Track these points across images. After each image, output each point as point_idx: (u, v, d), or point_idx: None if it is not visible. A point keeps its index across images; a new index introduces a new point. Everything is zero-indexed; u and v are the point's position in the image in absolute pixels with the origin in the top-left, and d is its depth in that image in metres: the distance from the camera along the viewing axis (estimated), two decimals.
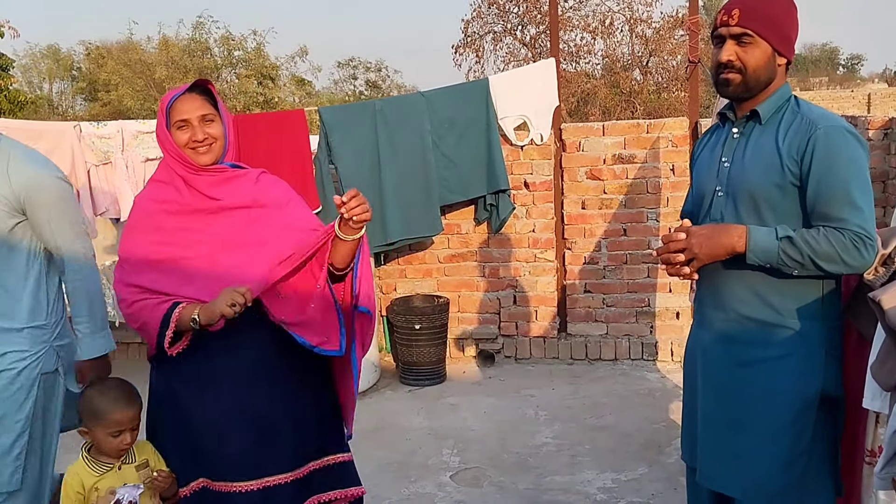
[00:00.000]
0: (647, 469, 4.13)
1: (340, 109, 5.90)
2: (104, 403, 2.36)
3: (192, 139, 2.40)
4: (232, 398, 2.42)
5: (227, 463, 2.42)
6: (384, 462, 4.35)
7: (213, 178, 2.45)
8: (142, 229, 2.44)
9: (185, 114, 2.40)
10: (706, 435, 2.42)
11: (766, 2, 2.26)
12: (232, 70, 23.94)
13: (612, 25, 19.76)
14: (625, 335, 5.89)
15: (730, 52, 2.24)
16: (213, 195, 2.43)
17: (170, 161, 2.46)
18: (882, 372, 2.08)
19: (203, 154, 2.41)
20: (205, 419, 2.43)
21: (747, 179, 2.27)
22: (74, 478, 2.34)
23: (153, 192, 2.49)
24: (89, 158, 4.70)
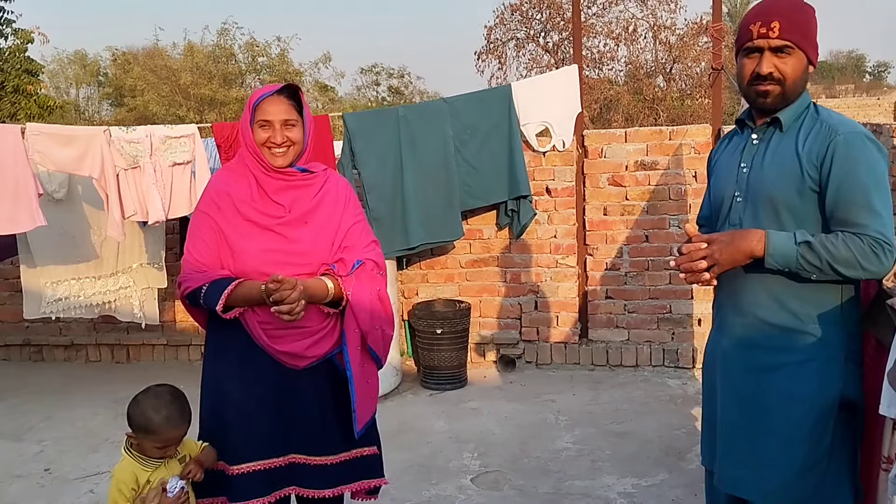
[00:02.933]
0: (668, 475, 4.13)
1: (364, 115, 5.95)
2: (157, 422, 2.42)
3: (270, 140, 2.49)
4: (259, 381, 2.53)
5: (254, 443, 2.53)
6: (405, 465, 4.38)
7: (282, 183, 2.54)
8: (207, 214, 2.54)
9: (269, 115, 2.49)
10: (725, 439, 2.43)
11: (801, 13, 2.28)
12: (256, 76, 24.10)
13: (636, 32, 19.73)
14: (646, 341, 5.89)
15: (770, 64, 2.25)
16: (277, 200, 2.52)
17: (245, 155, 2.57)
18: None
19: (278, 157, 2.51)
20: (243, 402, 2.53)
21: (767, 185, 2.29)
22: (128, 475, 2.43)
23: (226, 183, 2.57)
24: (118, 162, 4.77)
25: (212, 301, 2.44)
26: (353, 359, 2.55)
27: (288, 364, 2.52)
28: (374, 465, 2.78)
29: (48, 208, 5.17)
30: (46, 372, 6.42)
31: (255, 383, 2.52)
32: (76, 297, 5.50)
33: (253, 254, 2.48)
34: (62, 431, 5.05)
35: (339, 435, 2.64)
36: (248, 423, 2.52)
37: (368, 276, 2.59)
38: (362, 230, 2.66)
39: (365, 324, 2.55)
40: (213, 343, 2.62)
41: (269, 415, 2.52)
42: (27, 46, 14.41)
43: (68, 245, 5.43)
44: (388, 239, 5.42)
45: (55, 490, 4.23)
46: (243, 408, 2.53)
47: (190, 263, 2.54)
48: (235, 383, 2.53)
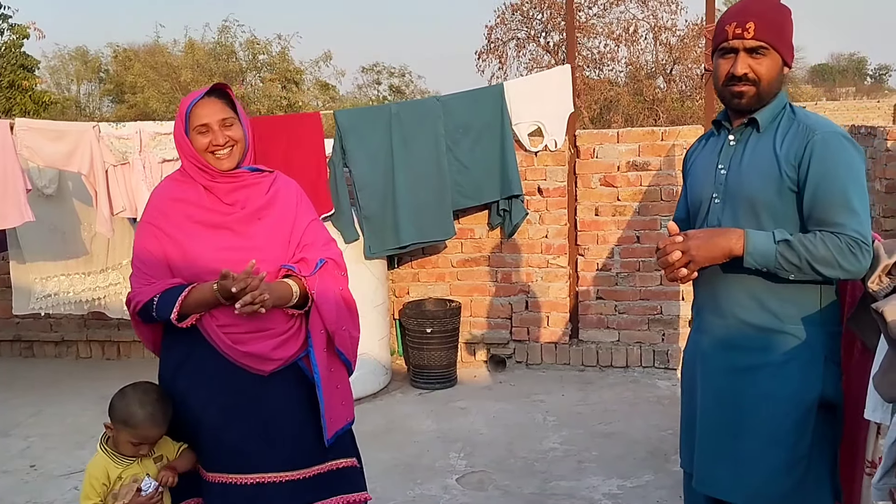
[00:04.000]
0: (653, 476, 4.12)
1: (355, 113, 5.94)
2: (139, 417, 2.41)
3: (212, 143, 2.42)
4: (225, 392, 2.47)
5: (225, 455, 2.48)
6: (391, 464, 4.37)
7: (232, 185, 2.48)
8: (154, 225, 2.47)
9: (206, 118, 2.42)
10: (705, 441, 2.42)
11: (775, 13, 2.29)
12: (256, 74, 24.08)
13: (636, 33, 19.73)
14: (636, 342, 5.88)
15: (745, 64, 2.25)
16: (228, 201, 2.46)
17: (188, 168, 2.48)
18: (884, 383, 2.07)
19: (224, 159, 2.44)
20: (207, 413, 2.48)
21: (746, 186, 2.29)
22: (99, 470, 2.43)
23: (171, 190, 2.50)
24: (108, 159, 4.76)
25: (165, 311, 2.37)
26: (320, 360, 2.49)
27: (253, 369, 2.45)
28: (354, 478, 2.69)
29: (38, 204, 5.17)
30: (37, 368, 6.42)
31: (220, 394, 2.46)
32: (66, 293, 5.49)
33: (207, 255, 2.41)
34: (49, 428, 5.04)
35: (312, 446, 2.56)
36: (217, 436, 2.47)
37: (332, 276, 2.54)
38: (319, 228, 2.63)
39: (331, 323, 2.50)
40: (172, 360, 2.54)
41: (236, 428, 2.46)
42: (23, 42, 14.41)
43: (58, 241, 5.42)
44: (379, 238, 5.42)
45: (39, 486, 4.23)
46: (210, 422, 2.47)
47: (137, 277, 2.46)
48: (201, 397, 2.47)
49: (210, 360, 2.44)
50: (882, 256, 2.16)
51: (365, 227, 5.38)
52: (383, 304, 5.63)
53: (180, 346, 2.48)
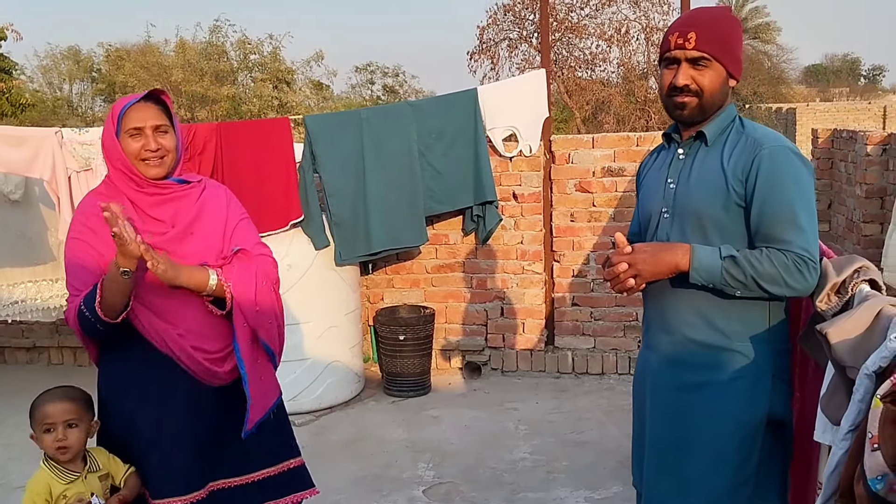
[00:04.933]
0: (622, 488, 4.07)
1: (325, 118, 5.89)
2: (36, 400, 2.37)
3: (144, 148, 2.34)
4: (176, 410, 2.43)
5: (173, 478, 2.43)
6: (359, 474, 4.33)
7: (158, 197, 2.41)
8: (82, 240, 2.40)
9: (139, 122, 2.35)
10: (652, 459, 2.40)
11: (719, 24, 2.25)
12: (248, 74, 24.05)
13: (629, 34, 19.73)
14: (612, 349, 5.83)
15: (686, 75, 2.22)
16: (155, 215, 2.39)
17: (115, 175, 2.41)
18: (830, 406, 2.03)
19: (154, 167, 2.37)
20: (151, 435, 2.43)
21: (693, 200, 2.26)
22: (41, 485, 2.35)
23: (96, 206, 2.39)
24: (70, 164, 4.71)
25: (90, 305, 2.28)
26: (245, 354, 2.42)
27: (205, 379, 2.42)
28: (303, 476, 2.72)
29: (4, 210, 5.13)
30: (6, 374, 6.32)
31: (169, 413, 2.41)
32: (33, 299, 5.44)
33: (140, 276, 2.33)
34: (12, 437, 4.95)
35: (259, 450, 2.57)
36: (165, 459, 2.42)
37: (255, 266, 2.48)
38: (248, 228, 2.58)
39: (252, 314, 2.43)
40: (114, 378, 2.48)
41: (185, 448, 2.42)
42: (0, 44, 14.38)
43: (25, 247, 5.37)
44: (350, 244, 5.36)
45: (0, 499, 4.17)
46: (158, 444, 2.42)
47: (72, 296, 2.38)
48: (150, 417, 2.42)
49: (156, 375, 2.40)
50: (831, 274, 2.11)
51: (335, 234, 5.32)
52: (355, 311, 5.57)
53: (123, 363, 2.43)
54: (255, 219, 4.87)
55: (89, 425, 2.42)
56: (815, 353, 2.26)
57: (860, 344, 1.87)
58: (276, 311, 2.51)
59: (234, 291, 2.39)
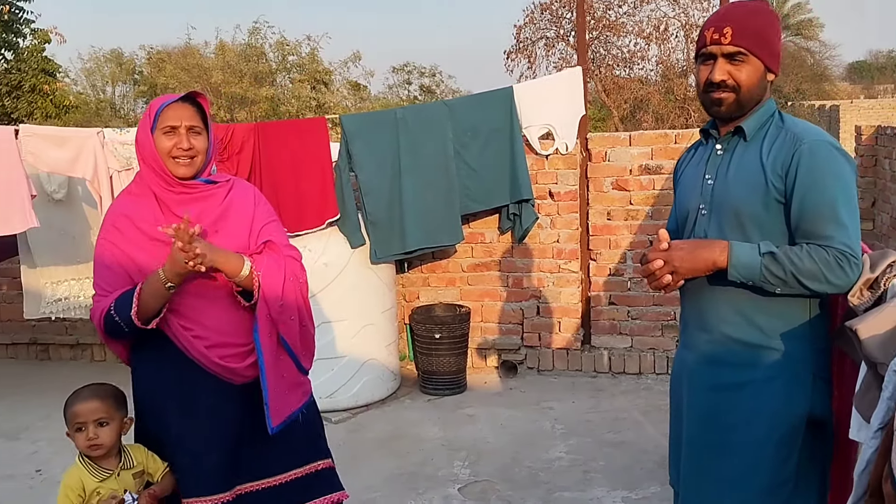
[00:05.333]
0: (660, 488, 4.03)
1: (362, 117, 5.92)
2: (68, 399, 2.41)
3: (176, 146, 2.38)
4: (201, 410, 2.45)
5: (202, 478, 2.45)
6: (395, 472, 4.34)
7: (184, 196, 2.44)
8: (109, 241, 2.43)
9: (175, 120, 2.39)
10: (689, 459, 2.36)
11: (756, 18, 2.21)
12: (286, 75, 24.24)
13: (667, 31, 19.54)
14: (650, 349, 5.78)
15: (723, 71, 2.18)
16: (180, 214, 2.39)
17: (145, 172, 2.45)
18: (863, 403, 1.99)
19: (183, 166, 2.40)
20: (181, 435, 2.46)
21: (731, 197, 2.22)
22: (74, 480, 2.38)
23: (126, 207, 2.47)
24: (112, 164, 4.78)
25: (123, 311, 2.33)
26: (265, 345, 2.42)
27: (226, 378, 2.44)
28: (331, 478, 2.71)
29: (48, 209, 5.21)
30: (51, 371, 6.46)
31: (196, 414, 2.44)
32: (76, 297, 5.52)
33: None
34: (58, 432, 4.97)
35: (287, 452, 2.58)
36: (192, 459, 2.44)
37: (284, 264, 2.48)
38: (277, 230, 2.58)
39: (276, 307, 2.43)
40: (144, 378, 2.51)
41: (211, 448, 2.44)
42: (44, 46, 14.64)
43: (68, 245, 5.45)
44: (385, 242, 5.38)
45: (43, 492, 4.24)
46: (185, 444, 2.45)
47: (98, 295, 2.43)
48: (176, 416, 2.45)
49: (182, 375, 2.42)
50: (865, 270, 2.07)
51: (371, 232, 5.34)
52: (391, 310, 5.59)
53: (150, 363, 2.46)
54: (291, 217, 4.99)
55: (121, 423, 2.43)
56: (849, 350, 2.22)
57: (890, 340, 1.83)
58: (300, 310, 2.51)
59: (262, 281, 2.40)
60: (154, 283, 2.31)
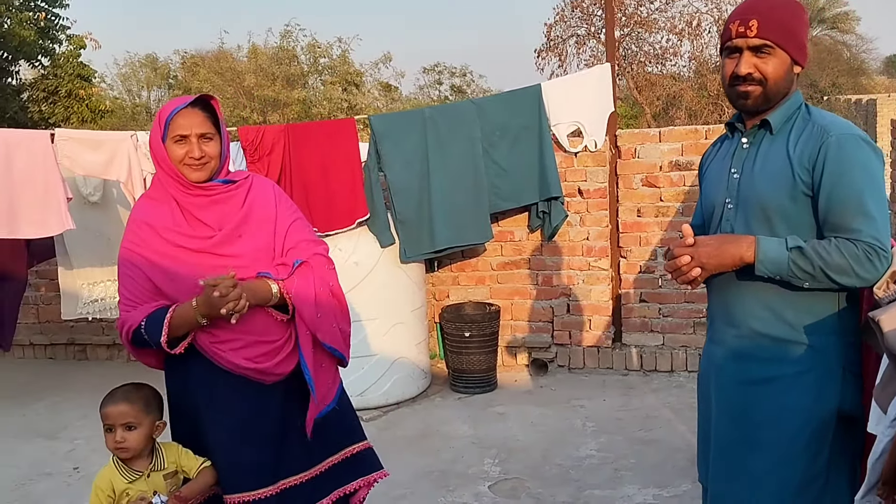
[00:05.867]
0: (691, 486, 4.00)
1: (390, 117, 5.94)
2: (103, 399, 2.43)
3: (188, 155, 2.37)
4: (235, 411, 2.46)
5: (242, 475, 2.46)
6: (425, 470, 4.35)
7: (203, 199, 2.43)
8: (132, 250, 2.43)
9: (184, 129, 2.37)
10: (718, 455, 2.34)
11: (782, 10, 2.18)
12: (318, 77, 24.39)
13: (700, 27, 19.33)
14: (682, 346, 5.74)
15: (749, 64, 2.16)
16: (202, 218, 2.42)
17: (162, 177, 2.45)
18: (883, 396, 1.97)
19: (195, 171, 2.39)
20: (217, 434, 2.47)
21: (758, 190, 2.20)
22: (105, 481, 2.40)
23: (146, 213, 2.46)
24: (145, 167, 4.87)
25: (154, 336, 2.34)
26: (309, 361, 2.45)
27: (257, 378, 2.44)
28: (370, 459, 2.74)
29: (84, 211, 5.31)
30: (88, 371, 6.59)
31: (231, 412, 2.44)
32: (112, 297, 5.61)
33: (189, 279, 2.35)
34: (95, 431, 5.07)
35: (325, 441, 2.59)
36: (235, 457, 2.45)
37: (314, 274, 2.48)
38: (302, 227, 2.58)
39: (313, 323, 2.44)
40: (177, 380, 2.52)
41: (250, 445, 2.45)
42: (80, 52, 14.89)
43: (104, 247, 5.54)
44: (415, 241, 5.40)
45: (81, 489, 4.31)
46: (224, 442, 2.45)
47: (124, 304, 2.43)
48: (212, 417, 2.46)
49: (215, 378, 2.43)
50: (894, 262, 2.04)
51: (400, 231, 5.37)
52: (421, 308, 5.61)
53: (182, 365, 2.46)
54: (321, 217, 5.03)
55: (152, 426, 2.44)
56: (873, 343, 2.19)
57: None
58: (336, 315, 2.51)
59: (296, 303, 2.42)
60: (185, 315, 2.32)
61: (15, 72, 13.92)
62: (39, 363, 7.02)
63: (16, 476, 4.54)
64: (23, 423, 5.45)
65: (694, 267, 2.17)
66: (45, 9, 13.68)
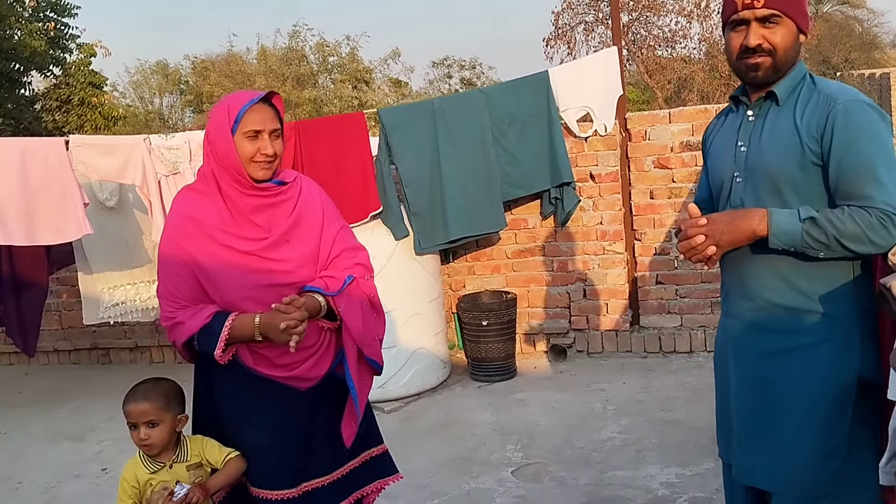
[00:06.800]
0: (714, 464, 4.00)
1: (399, 110, 5.96)
2: (125, 396, 2.47)
3: (261, 152, 2.31)
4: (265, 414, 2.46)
5: (267, 474, 2.48)
6: (448, 458, 4.38)
7: (257, 200, 2.38)
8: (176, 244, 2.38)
9: (260, 125, 2.31)
10: (741, 429, 2.33)
11: None
12: (327, 76, 24.43)
13: (709, 7, 19.19)
14: (700, 326, 5.73)
15: (758, 35, 2.15)
16: (255, 220, 2.38)
17: (217, 171, 2.36)
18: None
19: (263, 170, 2.34)
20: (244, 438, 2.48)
21: (766, 162, 2.19)
22: (130, 472, 2.47)
23: (190, 207, 2.40)
24: (159, 169, 4.91)
25: (208, 348, 2.33)
26: (354, 374, 2.47)
27: (290, 385, 2.45)
28: (386, 463, 2.76)
29: (101, 216, 5.37)
30: (112, 374, 6.66)
31: (259, 415, 2.45)
32: (132, 301, 5.68)
33: (235, 282, 2.33)
34: (122, 432, 5.11)
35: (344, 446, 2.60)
36: (260, 456, 2.46)
37: (359, 289, 2.49)
38: (346, 236, 2.56)
39: (360, 339, 2.46)
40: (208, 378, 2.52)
41: (278, 448, 2.46)
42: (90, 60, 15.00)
43: (122, 251, 5.61)
44: (429, 233, 5.42)
45: (109, 490, 4.37)
46: (252, 442, 2.46)
47: (168, 301, 2.38)
48: (240, 418, 2.47)
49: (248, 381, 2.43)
50: None
51: (414, 223, 5.40)
52: (438, 299, 5.64)
53: (216, 366, 2.43)
54: None
55: (174, 421, 2.47)
56: (887, 309, 2.19)
57: None
58: (377, 328, 2.54)
59: (345, 318, 2.42)
60: (243, 330, 2.32)
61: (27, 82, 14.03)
62: (64, 369, 7.12)
63: (45, 479, 4.62)
64: (50, 427, 5.54)
65: (708, 245, 2.17)
66: (54, 19, 13.78)
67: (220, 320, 2.32)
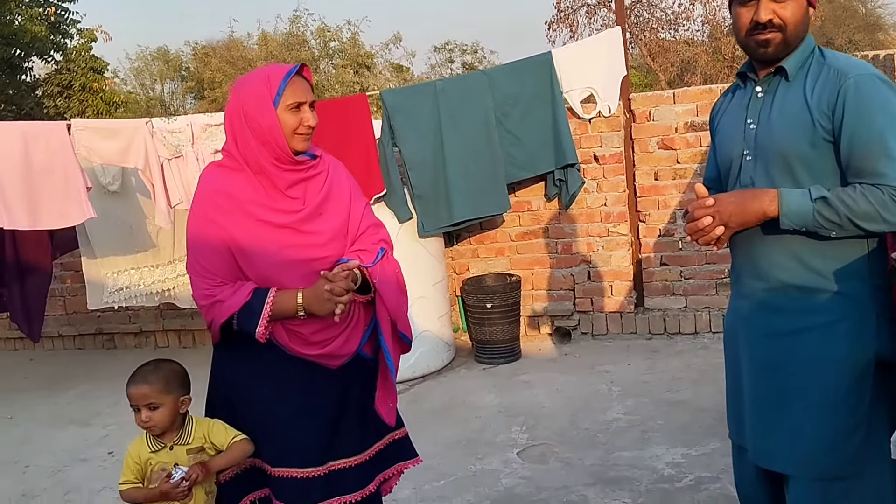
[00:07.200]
0: (720, 444, 4.00)
1: (402, 92, 5.93)
2: (128, 379, 2.47)
3: (303, 124, 2.28)
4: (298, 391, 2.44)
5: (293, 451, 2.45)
6: (454, 439, 4.39)
7: (292, 174, 2.34)
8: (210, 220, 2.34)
9: (302, 97, 2.28)
10: (755, 412, 2.29)
11: None
12: (329, 61, 24.35)
13: None
14: (705, 308, 5.72)
15: (768, 10, 2.12)
16: (290, 194, 2.35)
17: (254, 145, 2.29)
18: None
19: (304, 141, 2.31)
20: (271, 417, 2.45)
21: (777, 140, 2.15)
22: (135, 449, 2.49)
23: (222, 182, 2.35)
24: (162, 153, 4.90)
25: (249, 326, 2.30)
26: (390, 347, 2.46)
27: (321, 362, 2.43)
28: (407, 446, 2.75)
29: (104, 200, 5.35)
30: (117, 359, 6.66)
31: (288, 393, 2.42)
32: (136, 285, 5.67)
33: (270, 255, 2.31)
34: (127, 416, 5.12)
35: (374, 427, 2.59)
36: (285, 435, 2.44)
37: (390, 262, 2.50)
38: (371, 212, 2.57)
39: (394, 310, 2.45)
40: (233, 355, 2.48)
41: (305, 427, 2.43)
42: (91, 45, 14.96)
43: (126, 235, 5.60)
44: (432, 215, 5.41)
45: (116, 473, 4.30)
46: (278, 421, 2.44)
47: (202, 277, 2.34)
48: (266, 395, 2.43)
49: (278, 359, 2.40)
50: None
51: (418, 206, 5.38)
52: (442, 282, 5.63)
53: (243, 343, 2.40)
54: None
55: (176, 403, 2.45)
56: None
57: None
58: (405, 303, 2.55)
59: (381, 290, 2.42)
60: (285, 307, 2.30)
61: (28, 68, 14.01)
62: (69, 354, 7.13)
63: (52, 463, 4.63)
64: (55, 412, 5.56)
65: (716, 227, 2.14)
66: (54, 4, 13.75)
67: (260, 297, 2.29)
